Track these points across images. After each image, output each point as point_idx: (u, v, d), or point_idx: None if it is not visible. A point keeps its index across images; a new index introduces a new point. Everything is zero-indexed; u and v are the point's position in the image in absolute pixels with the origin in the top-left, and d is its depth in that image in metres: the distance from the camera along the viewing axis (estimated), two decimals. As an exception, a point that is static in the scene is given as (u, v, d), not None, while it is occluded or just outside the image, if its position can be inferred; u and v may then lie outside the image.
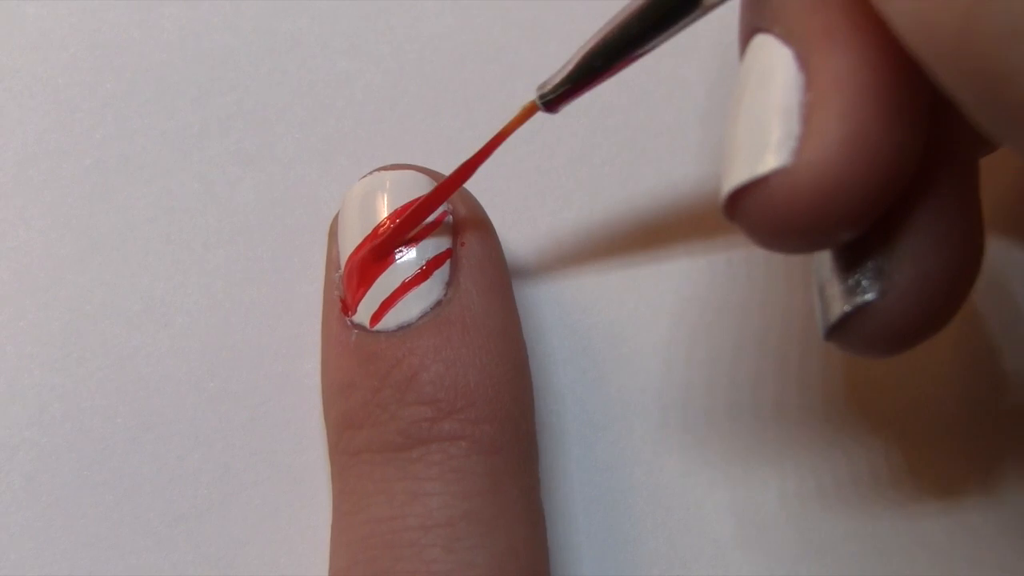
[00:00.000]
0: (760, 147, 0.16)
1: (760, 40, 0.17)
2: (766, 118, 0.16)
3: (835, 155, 0.16)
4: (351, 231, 0.21)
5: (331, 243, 0.22)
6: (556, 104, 0.20)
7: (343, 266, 0.21)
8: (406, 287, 0.20)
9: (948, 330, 0.18)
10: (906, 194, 0.17)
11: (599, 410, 0.24)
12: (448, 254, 0.21)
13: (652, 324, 0.24)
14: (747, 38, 0.18)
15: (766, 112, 0.16)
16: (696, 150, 0.25)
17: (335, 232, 0.22)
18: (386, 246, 0.21)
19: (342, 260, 0.21)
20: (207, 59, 0.25)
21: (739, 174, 0.17)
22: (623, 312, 0.24)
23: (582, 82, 0.19)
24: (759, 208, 0.16)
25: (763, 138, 0.16)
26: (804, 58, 0.16)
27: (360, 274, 0.21)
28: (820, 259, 0.19)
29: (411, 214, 0.20)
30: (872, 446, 0.23)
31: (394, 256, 0.21)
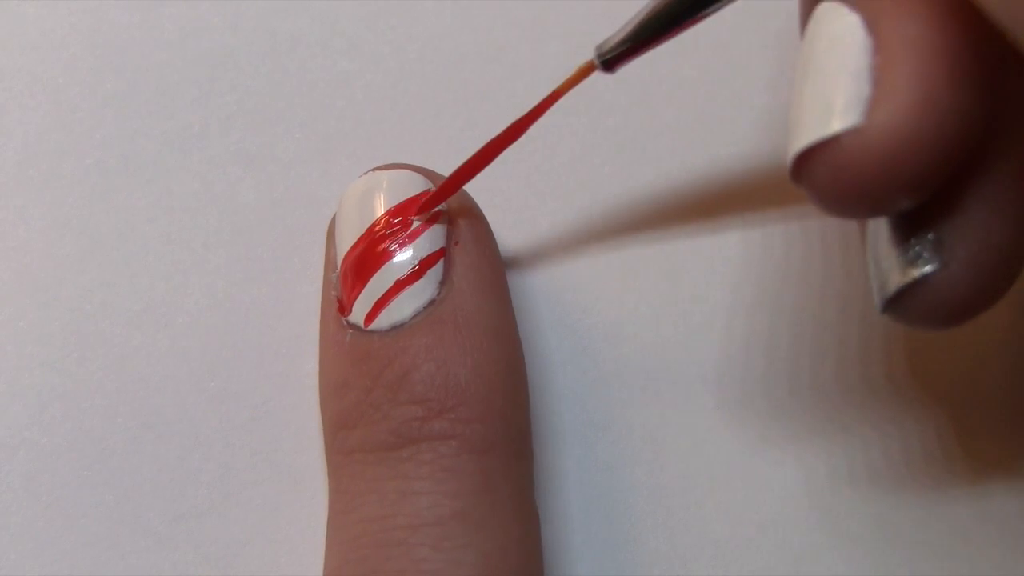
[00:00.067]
0: (829, 109, 0.16)
1: (826, 6, 0.17)
2: (836, 81, 0.16)
3: (906, 117, 0.15)
4: (347, 231, 0.21)
5: (329, 243, 0.22)
6: (615, 64, 0.20)
7: (340, 266, 0.21)
8: (400, 286, 0.20)
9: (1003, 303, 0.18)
10: (969, 163, 0.17)
11: (599, 410, 0.24)
12: (442, 253, 0.21)
13: (652, 324, 0.24)
14: (809, 8, 0.18)
15: (836, 75, 0.16)
16: (696, 150, 0.25)
17: (333, 232, 0.22)
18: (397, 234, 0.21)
19: (338, 260, 0.21)
20: (207, 59, 0.25)
21: (808, 135, 0.16)
22: (623, 312, 0.24)
23: (644, 41, 0.19)
24: (827, 169, 0.16)
25: (833, 100, 0.16)
26: (873, 23, 0.16)
27: (355, 273, 0.21)
28: (876, 232, 0.18)
29: (449, 186, 0.21)
30: (869, 439, 0.23)
31: (389, 254, 0.21)
